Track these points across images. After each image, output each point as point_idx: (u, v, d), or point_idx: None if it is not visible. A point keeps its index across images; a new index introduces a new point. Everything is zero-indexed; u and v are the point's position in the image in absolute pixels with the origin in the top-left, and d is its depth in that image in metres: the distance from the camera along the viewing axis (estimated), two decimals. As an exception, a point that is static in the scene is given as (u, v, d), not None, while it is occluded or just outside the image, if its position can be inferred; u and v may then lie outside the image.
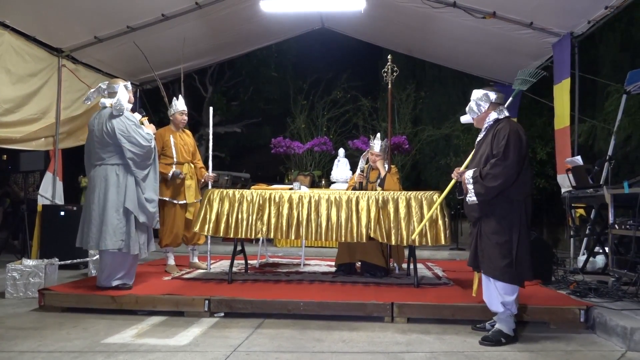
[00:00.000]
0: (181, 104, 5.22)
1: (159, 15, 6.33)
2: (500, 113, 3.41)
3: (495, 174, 3.17)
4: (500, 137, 3.24)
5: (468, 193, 3.32)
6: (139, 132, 4.09)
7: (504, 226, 3.22)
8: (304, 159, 8.71)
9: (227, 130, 14.24)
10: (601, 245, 5.17)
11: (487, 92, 3.46)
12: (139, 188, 4.10)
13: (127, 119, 4.09)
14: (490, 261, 3.25)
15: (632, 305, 3.66)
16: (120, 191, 4.04)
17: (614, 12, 5.44)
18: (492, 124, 3.41)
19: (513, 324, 3.28)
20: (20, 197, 8.48)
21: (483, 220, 3.31)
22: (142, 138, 4.09)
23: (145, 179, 4.15)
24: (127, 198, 4.03)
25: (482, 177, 3.22)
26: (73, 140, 6.68)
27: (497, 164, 3.19)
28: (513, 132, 3.23)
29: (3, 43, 5.36)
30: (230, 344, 3.17)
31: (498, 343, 3.18)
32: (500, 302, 3.24)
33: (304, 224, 4.33)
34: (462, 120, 3.79)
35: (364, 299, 3.84)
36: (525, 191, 3.27)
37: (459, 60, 8.33)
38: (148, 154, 4.15)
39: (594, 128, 7.62)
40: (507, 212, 3.23)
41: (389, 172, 5.11)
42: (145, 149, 4.11)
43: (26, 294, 4.36)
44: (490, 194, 3.21)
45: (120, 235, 3.99)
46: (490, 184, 3.19)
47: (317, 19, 8.04)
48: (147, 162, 4.18)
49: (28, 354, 2.94)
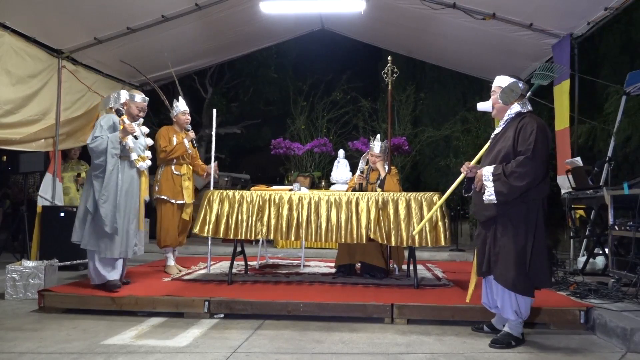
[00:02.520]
0: (182, 104, 5.25)
1: (159, 16, 6.33)
2: (523, 106, 3.19)
3: (522, 172, 2.97)
4: (527, 133, 3.03)
5: (485, 191, 3.09)
6: (94, 131, 4.24)
7: (521, 230, 3.07)
8: (304, 160, 8.71)
9: (227, 132, 14.24)
10: (601, 246, 5.18)
11: (517, 80, 3.21)
12: (92, 187, 4.18)
13: (102, 117, 4.33)
14: (505, 269, 3.11)
15: (632, 306, 3.65)
16: (88, 188, 4.24)
17: (614, 14, 5.44)
18: (513, 117, 3.18)
19: (522, 329, 3.26)
20: (19, 197, 8.48)
21: (499, 221, 3.14)
22: (90, 137, 4.25)
23: (96, 179, 4.17)
24: (89, 196, 4.19)
25: (507, 175, 3.00)
26: (73, 141, 6.68)
27: (525, 163, 2.98)
28: (540, 128, 3.03)
29: (3, 44, 5.36)
30: (230, 345, 3.17)
31: (508, 345, 3.16)
32: (514, 310, 3.17)
33: (303, 225, 4.33)
34: (479, 107, 3.59)
35: (363, 300, 3.84)
36: (545, 192, 3.13)
37: (459, 61, 8.34)
38: (90, 153, 4.22)
39: (594, 129, 7.62)
40: (524, 213, 3.08)
41: (388, 173, 5.11)
42: (88, 148, 4.22)
43: (26, 295, 4.36)
44: (514, 194, 3.01)
45: (82, 230, 4.19)
46: (516, 183, 2.97)
47: (317, 20, 8.04)
48: (94, 161, 4.21)
49: (28, 355, 2.94)
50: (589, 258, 5.23)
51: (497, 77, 3.34)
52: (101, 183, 4.14)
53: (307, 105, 10.49)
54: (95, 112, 6.89)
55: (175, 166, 5.12)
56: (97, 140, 4.17)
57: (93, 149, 4.16)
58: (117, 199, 4.17)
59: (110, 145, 4.16)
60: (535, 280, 3.14)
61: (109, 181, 4.15)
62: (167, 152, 5.02)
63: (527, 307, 3.21)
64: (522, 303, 3.17)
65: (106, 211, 4.10)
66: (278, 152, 8.51)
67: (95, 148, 4.15)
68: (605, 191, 4.56)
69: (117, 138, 4.21)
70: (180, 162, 5.16)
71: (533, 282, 3.15)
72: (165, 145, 5.03)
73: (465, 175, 3.32)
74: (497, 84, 3.29)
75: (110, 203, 4.14)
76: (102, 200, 4.10)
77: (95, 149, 4.15)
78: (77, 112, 6.65)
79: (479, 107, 3.56)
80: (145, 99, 4.51)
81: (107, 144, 4.15)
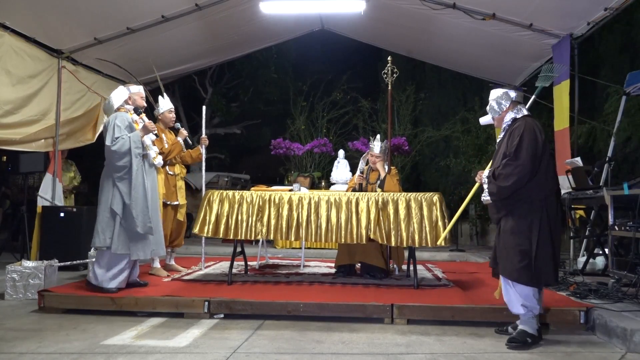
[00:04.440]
0: (168, 102, 5.22)
1: (159, 16, 6.33)
2: (517, 112, 3.34)
3: (506, 173, 3.16)
4: (514, 137, 3.20)
5: (483, 192, 3.33)
6: (112, 132, 4.07)
7: (523, 227, 3.18)
8: (304, 160, 8.71)
9: (227, 132, 14.26)
10: (601, 246, 5.17)
11: (507, 90, 3.41)
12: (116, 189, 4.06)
13: (115, 117, 4.16)
14: (507, 262, 3.21)
15: (632, 306, 3.65)
16: (108, 191, 4.10)
17: (614, 14, 5.45)
18: (509, 124, 3.35)
19: (536, 324, 3.24)
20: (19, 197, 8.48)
21: (502, 220, 3.30)
22: (109, 138, 4.07)
23: (120, 181, 4.08)
24: (114, 199, 4.07)
25: (495, 177, 3.22)
26: (73, 141, 6.68)
27: (508, 164, 3.17)
28: (528, 130, 3.18)
29: (3, 44, 5.37)
30: (230, 345, 3.17)
31: (525, 344, 3.15)
32: (521, 304, 3.19)
33: (303, 225, 4.33)
34: (481, 122, 3.71)
35: (363, 301, 3.84)
36: (546, 190, 3.22)
37: (459, 61, 8.33)
38: (111, 155, 4.07)
39: (594, 129, 7.63)
40: (526, 212, 3.19)
41: (388, 174, 5.11)
42: (108, 150, 4.05)
43: (26, 296, 4.36)
44: (503, 194, 3.20)
45: (109, 234, 4.05)
46: (502, 183, 3.18)
47: (317, 20, 8.04)
48: (116, 163, 4.07)
49: (27, 355, 2.94)
50: (589, 258, 5.23)
51: (492, 91, 3.50)
52: (127, 184, 4.07)
53: (307, 105, 10.50)
54: (95, 113, 6.90)
55: (168, 167, 5.07)
56: (119, 141, 4.06)
57: (116, 150, 4.04)
58: (146, 198, 4.12)
59: (133, 145, 4.08)
60: (539, 273, 3.16)
61: (136, 182, 4.07)
62: (165, 154, 4.99)
63: (535, 299, 3.20)
64: (528, 294, 3.18)
65: (137, 212, 4.04)
66: (278, 153, 8.51)
67: (119, 150, 4.04)
68: (605, 191, 4.56)
69: (139, 137, 4.16)
70: (173, 162, 5.12)
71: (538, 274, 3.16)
72: (161, 147, 4.96)
73: (480, 183, 3.46)
74: (491, 98, 3.48)
75: (140, 203, 4.07)
76: (133, 202, 4.03)
77: (119, 151, 4.04)
78: (77, 112, 6.65)
79: (481, 121, 3.70)
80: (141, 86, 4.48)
81: (130, 144, 4.07)
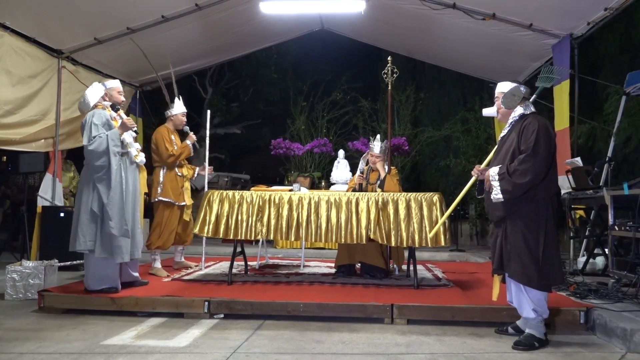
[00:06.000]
0: (181, 106, 5.30)
1: (159, 16, 6.34)
2: (526, 108, 3.30)
3: (524, 170, 3.06)
4: (529, 132, 3.13)
5: (493, 190, 3.20)
6: (90, 131, 3.93)
7: (531, 228, 3.13)
8: (304, 161, 8.72)
9: (227, 132, 14.25)
10: (601, 246, 5.17)
11: (518, 85, 3.35)
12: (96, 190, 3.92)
13: (92, 115, 4.02)
14: (519, 266, 3.14)
15: (632, 306, 3.65)
16: (88, 192, 3.96)
17: (614, 14, 5.45)
18: (517, 120, 3.28)
19: (544, 328, 3.23)
20: (19, 197, 8.48)
21: (508, 220, 3.21)
22: (86, 138, 3.94)
23: (100, 182, 3.92)
24: (93, 200, 3.93)
25: (510, 174, 3.11)
26: (73, 141, 6.68)
27: (526, 160, 3.07)
28: (542, 127, 3.13)
29: (3, 44, 5.37)
30: (230, 345, 3.17)
31: (532, 347, 3.12)
32: (532, 308, 3.16)
33: (303, 226, 4.33)
34: (484, 113, 3.71)
35: (363, 301, 3.84)
36: (552, 189, 3.19)
37: (459, 61, 8.34)
38: (89, 155, 3.92)
39: (594, 129, 7.62)
40: (534, 212, 3.14)
41: (388, 174, 5.11)
42: (85, 149, 3.91)
43: (26, 296, 4.36)
44: (518, 191, 3.11)
45: (90, 236, 3.92)
46: (519, 180, 3.07)
47: (317, 20, 8.04)
48: (95, 163, 3.91)
49: (27, 355, 2.94)
50: (589, 258, 5.23)
51: (499, 84, 3.46)
52: (106, 185, 3.92)
53: (307, 105, 10.50)
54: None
55: (177, 168, 5.20)
56: (96, 140, 3.90)
57: (93, 150, 3.88)
58: (123, 200, 3.97)
59: (111, 143, 3.92)
60: (548, 276, 3.16)
61: (115, 182, 3.92)
62: (175, 157, 5.07)
63: (544, 304, 3.20)
64: (539, 299, 3.17)
65: (113, 214, 3.89)
66: (278, 153, 8.51)
67: (96, 149, 3.88)
68: (605, 191, 4.56)
69: (117, 135, 4.01)
70: (181, 163, 5.25)
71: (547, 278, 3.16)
72: (171, 149, 5.06)
73: (477, 178, 3.42)
74: (500, 90, 3.42)
75: (116, 205, 3.92)
76: (110, 203, 3.88)
77: (96, 150, 3.88)
78: (77, 112, 6.61)
79: (484, 112, 3.66)
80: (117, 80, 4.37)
81: (107, 142, 3.91)
